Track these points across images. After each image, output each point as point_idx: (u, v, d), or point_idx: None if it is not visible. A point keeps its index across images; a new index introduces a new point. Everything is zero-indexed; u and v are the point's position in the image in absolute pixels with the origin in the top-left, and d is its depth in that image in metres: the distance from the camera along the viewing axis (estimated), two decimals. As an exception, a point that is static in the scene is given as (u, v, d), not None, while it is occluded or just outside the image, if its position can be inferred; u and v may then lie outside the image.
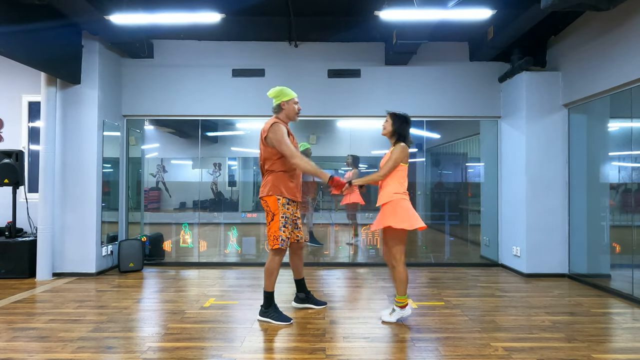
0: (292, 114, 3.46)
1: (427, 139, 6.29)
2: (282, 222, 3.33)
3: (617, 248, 4.44)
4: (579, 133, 5.01)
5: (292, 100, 3.44)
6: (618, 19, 4.16)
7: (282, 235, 3.32)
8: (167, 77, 5.71)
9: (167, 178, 6.62)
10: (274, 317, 3.37)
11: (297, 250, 3.66)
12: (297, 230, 3.54)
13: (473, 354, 2.78)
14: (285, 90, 3.43)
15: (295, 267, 3.70)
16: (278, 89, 3.43)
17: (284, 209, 3.33)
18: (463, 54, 5.78)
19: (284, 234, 3.33)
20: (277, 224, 3.32)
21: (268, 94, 3.47)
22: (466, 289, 4.54)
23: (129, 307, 3.81)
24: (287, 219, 3.35)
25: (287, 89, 3.44)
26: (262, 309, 3.44)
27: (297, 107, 3.47)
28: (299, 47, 5.76)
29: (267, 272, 3.38)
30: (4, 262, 4.88)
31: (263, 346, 2.92)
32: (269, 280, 3.38)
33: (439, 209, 6.85)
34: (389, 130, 3.44)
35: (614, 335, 3.19)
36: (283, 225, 3.33)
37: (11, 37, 3.99)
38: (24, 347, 2.88)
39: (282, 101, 3.40)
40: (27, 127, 5.57)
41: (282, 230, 3.32)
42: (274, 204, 3.32)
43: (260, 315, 3.44)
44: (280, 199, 3.32)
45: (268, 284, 3.39)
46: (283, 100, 3.40)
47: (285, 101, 3.41)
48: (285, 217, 3.34)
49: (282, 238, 3.32)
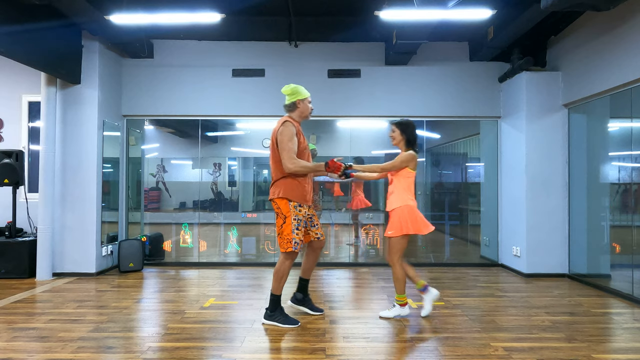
0: (307, 112, 3.44)
1: (427, 139, 6.28)
2: (295, 224, 3.26)
3: (617, 248, 4.44)
4: (579, 133, 5.01)
5: (307, 99, 3.43)
6: (618, 19, 4.16)
7: (296, 238, 3.25)
8: (167, 77, 5.71)
9: (167, 178, 6.62)
10: (280, 320, 3.31)
11: (316, 249, 3.54)
12: (314, 228, 3.47)
13: (473, 354, 2.78)
14: (300, 88, 3.41)
15: (308, 266, 3.59)
16: (293, 86, 3.40)
17: (295, 211, 3.28)
18: (463, 54, 5.78)
19: (297, 236, 3.26)
20: (290, 226, 3.26)
21: (282, 90, 3.43)
22: (466, 289, 4.54)
23: (129, 307, 3.81)
24: (299, 221, 3.28)
25: (302, 88, 3.42)
26: (267, 312, 3.37)
27: (310, 106, 3.48)
28: (299, 47, 5.76)
29: (277, 275, 3.32)
30: (4, 262, 4.88)
31: (263, 346, 2.92)
32: (278, 284, 3.31)
33: (439, 209, 6.85)
34: (399, 139, 3.49)
35: (614, 335, 3.19)
36: (296, 228, 3.26)
37: (11, 37, 3.99)
38: (24, 347, 2.88)
39: (297, 99, 3.38)
40: (27, 127, 5.57)
41: (294, 232, 3.26)
42: (286, 207, 3.27)
43: (265, 318, 3.36)
44: (292, 201, 3.29)
45: (276, 287, 3.32)
46: (299, 98, 3.38)
47: (301, 99, 3.39)
48: (298, 219, 3.28)
49: (295, 241, 3.25)
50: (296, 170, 3.23)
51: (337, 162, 3.31)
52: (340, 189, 6.50)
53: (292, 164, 3.21)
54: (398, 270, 3.42)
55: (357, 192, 6.39)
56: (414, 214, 3.39)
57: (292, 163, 3.21)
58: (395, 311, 3.47)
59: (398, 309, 3.47)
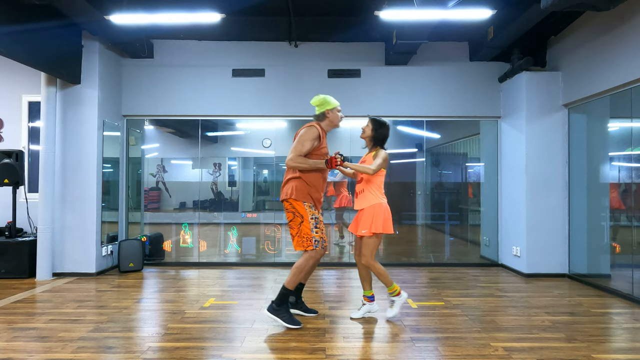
0: (336, 121, 3.49)
1: (427, 139, 6.29)
2: (313, 223, 3.29)
3: (617, 248, 4.45)
4: (579, 133, 5.01)
5: (336, 109, 3.47)
6: (618, 19, 4.16)
7: (316, 236, 3.27)
8: (167, 77, 5.71)
9: (167, 178, 6.63)
10: (285, 318, 3.26)
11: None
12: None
13: (473, 354, 2.78)
14: (329, 98, 3.45)
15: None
16: (322, 97, 3.43)
17: (312, 210, 3.32)
18: (463, 54, 5.78)
19: (317, 234, 3.28)
20: (309, 225, 3.27)
21: (312, 102, 3.46)
22: (466, 289, 4.54)
23: (129, 307, 3.81)
24: (317, 219, 3.32)
25: (331, 98, 3.46)
26: (273, 306, 3.29)
27: (340, 114, 3.51)
28: (299, 47, 5.76)
29: (297, 269, 3.28)
30: (4, 262, 4.88)
31: (263, 346, 2.92)
32: (295, 278, 3.28)
33: (439, 209, 6.85)
34: (368, 134, 3.53)
35: (614, 335, 3.19)
36: (315, 226, 3.28)
37: (11, 37, 3.99)
38: (24, 347, 2.88)
39: (327, 109, 3.43)
40: (27, 127, 5.57)
41: (314, 231, 3.27)
42: (301, 208, 3.29)
43: (269, 310, 3.29)
44: (306, 203, 3.31)
45: (292, 281, 3.28)
46: (327, 108, 3.43)
47: (330, 109, 3.44)
48: (315, 217, 3.31)
49: (315, 239, 3.27)
50: (294, 165, 3.27)
51: (333, 157, 3.30)
52: (333, 188, 6.55)
53: (292, 159, 3.26)
54: (376, 267, 3.39)
55: (341, 191, 6.46)
56: (387, 213, 3.39)
57: (292, 159, 3.26)
58: (397, 305, 3.46)
59: (397, 300, 3.45)
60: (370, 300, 3.54)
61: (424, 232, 6.69)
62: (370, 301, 3.54)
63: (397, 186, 7.18)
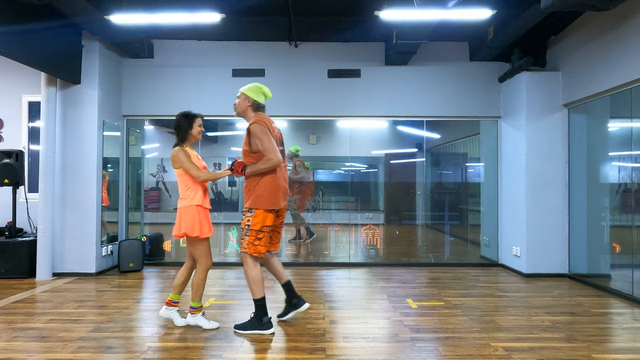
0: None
1: (427, 139, 6.29)
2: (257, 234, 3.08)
3: (617, 248, 4.45)
4: (579, 133, 5.01)
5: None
6: (618, 19, 4.16)
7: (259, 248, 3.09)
8: (167, 77, 5.71)
9: (167, 178, 6.62)
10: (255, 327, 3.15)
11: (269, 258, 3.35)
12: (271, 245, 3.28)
13: (473, 354, 2.78)
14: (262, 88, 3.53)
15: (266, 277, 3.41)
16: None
17: (266, 221, 3.09)
18: (463, 54, 5.78)
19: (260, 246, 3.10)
20: (254, 235, 3.08)
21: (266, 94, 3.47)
22: (466, 289, 4.54)
23: (129, 307, 3.81)
24: (264, 233, 3.10)
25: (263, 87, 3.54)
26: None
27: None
28: (299, 47, 5.76)
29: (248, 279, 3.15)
30: (4, 262, 4.88)
31: (263, 346, 2.92)
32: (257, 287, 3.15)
33: (439, 209, 6.86)
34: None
35: (614, 335, 3.19)
36: (257, 238, 3.09)
37: (11, 37, 3.98)
38: (24, 347, 2.88)
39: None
40: (27, 127, 5.57)
41: (257, 242, 3.09)
42: (258, 216, 3.07)
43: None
44: (266, 212, 3.07)
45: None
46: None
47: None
48: (263, 231, 3.09)
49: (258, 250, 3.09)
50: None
51: (239, 160, 3.23)
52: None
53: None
54: (202, 273, 3.23)
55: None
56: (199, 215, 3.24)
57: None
58: (175, 314, 3.31)
59: (190, 317, 3.27)
60: (195, 311, 3.27)
61: (424, 232, 6.70)
62: (193, 312, 3.27)
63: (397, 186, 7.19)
